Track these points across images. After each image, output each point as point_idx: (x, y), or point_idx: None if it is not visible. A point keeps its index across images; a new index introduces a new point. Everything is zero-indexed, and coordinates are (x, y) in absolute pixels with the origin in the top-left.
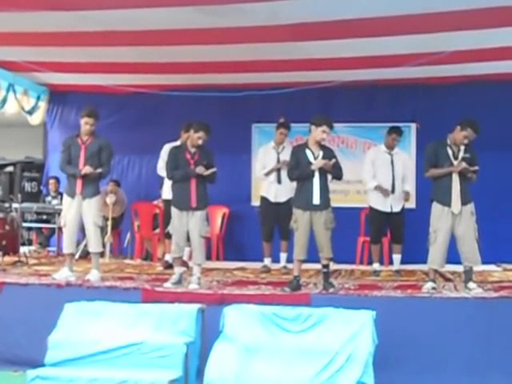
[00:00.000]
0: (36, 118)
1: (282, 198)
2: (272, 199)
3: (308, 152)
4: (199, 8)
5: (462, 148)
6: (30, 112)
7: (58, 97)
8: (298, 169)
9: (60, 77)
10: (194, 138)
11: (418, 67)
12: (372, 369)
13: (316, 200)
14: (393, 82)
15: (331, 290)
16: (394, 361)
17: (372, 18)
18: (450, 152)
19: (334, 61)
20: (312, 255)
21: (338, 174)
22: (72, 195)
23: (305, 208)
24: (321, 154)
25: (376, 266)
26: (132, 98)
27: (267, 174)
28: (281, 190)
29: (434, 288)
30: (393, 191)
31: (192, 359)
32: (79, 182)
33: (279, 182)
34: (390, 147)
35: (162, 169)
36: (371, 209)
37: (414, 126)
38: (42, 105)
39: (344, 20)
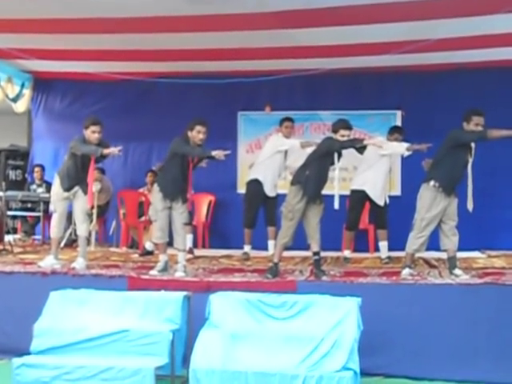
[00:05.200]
0: (21, 106)
1: (276, 191)
2: (268, 192)
3: None
4: None
5: None
6: (15, 100)
7: (42, 84)
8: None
9: (45, 64)
10: (194, 135)
11: (404, 55)
12: (357, 355)
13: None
14: (379, 69)
15: (324, 278)
16: (379, 347)
17: (358, 5)
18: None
19: (321, 48)
20: (298, 242)
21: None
22: (69, 189)
23: (302, 197)
24: None
25: (347, 252)
26: (118, 85)
27: (304, 147)
28: (277, 186)
29: (411, 274)
30: None
31: (178, 346)
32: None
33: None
34: None
35: None
36: (355, 192)
37: (399, 113)
38: (27, 92)
39: (331, 8)
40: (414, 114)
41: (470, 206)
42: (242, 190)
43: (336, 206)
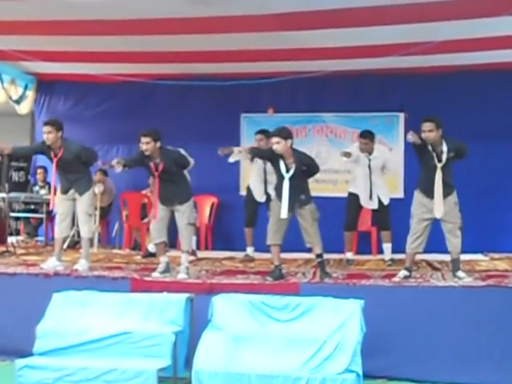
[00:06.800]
0: (24, 108)
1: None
2: (258, 199)
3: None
4: None
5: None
6: (18, 101)
7: (45, 86)
8: None
9: (48, 66)
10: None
11: (407, 57)
12: (360, 357)
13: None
14: (381, 71)
15: (327, 280)
16: (382, 349)
17: (361, 7)
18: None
19: (323, 50)
20: (301, 245)
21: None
22: (66, 192)
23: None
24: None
25: (349, 254)
26: (120, 87)
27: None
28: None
29: (406, 276)
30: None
31: (181, 348)
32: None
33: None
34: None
35: None
36: (350, 194)
37: (402, 115)
38: (30, 94)
39: (333, 10)
40: (417, 116)
41: (436, 213)
42: (244, 191)
43: (282, 215)
